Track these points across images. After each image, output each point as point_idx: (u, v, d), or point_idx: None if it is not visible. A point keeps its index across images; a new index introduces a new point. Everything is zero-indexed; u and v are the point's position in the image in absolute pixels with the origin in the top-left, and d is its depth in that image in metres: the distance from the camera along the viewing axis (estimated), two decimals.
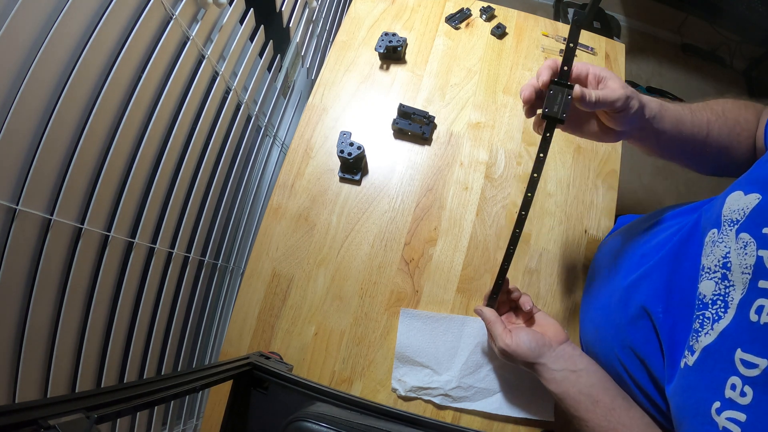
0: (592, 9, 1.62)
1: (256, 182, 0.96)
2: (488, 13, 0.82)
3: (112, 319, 0.58)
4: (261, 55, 0.80)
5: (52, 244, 0.46)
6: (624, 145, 0.74)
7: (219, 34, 0.65)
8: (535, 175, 0.43)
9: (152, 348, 0.67)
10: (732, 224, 0.35)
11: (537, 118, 0.44)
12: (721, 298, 0.34)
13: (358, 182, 0.68)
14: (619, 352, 0.45)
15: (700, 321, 0.35)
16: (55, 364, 0.49)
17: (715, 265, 0.35)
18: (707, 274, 0.36)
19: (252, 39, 0.77)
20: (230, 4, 0.66)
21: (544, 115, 0.40)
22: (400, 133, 0.72)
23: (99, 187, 0.50)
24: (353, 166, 0.67)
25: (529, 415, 0.56)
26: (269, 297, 0.63)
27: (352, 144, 0.64)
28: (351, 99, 0.75)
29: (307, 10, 0.97)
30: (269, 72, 0.88)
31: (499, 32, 0.80)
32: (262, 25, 0.77)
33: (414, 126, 0.70)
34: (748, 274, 0.32)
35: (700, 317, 0.35)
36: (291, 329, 0.62)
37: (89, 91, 0.47)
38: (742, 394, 0.29)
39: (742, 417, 0.29)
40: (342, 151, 0.64)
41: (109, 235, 0.54)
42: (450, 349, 0.59)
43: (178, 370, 0.70)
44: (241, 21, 0.72)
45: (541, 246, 0.66)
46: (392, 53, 0.75)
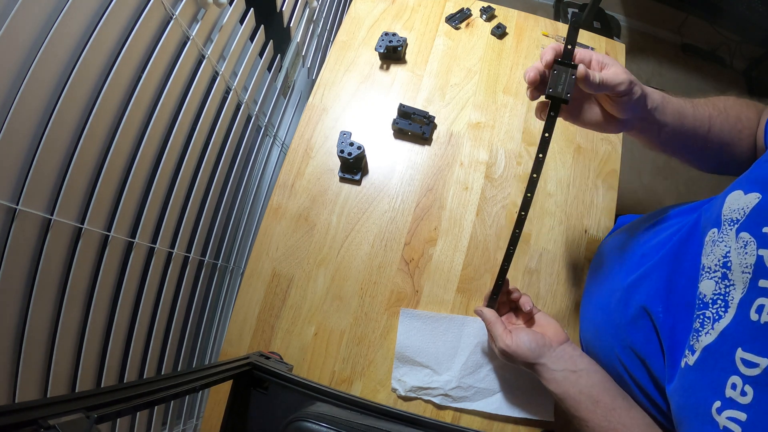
0: (591, 10, 1.62)
1: (256, 182, 0.96)
2: (488, 13, 0.82)
3: (112, 319, 0.58)
4: (261, 55, 0.80)
5: (52, 244, 0.46)
6: (624, 144, 0.74)
7: (219, 34, 0.65)
8: (535, 175, 0.43)
9: (152, 348, 0.66)
10: (732, 223, 0.35)
11: (540, 103, 0.43)
12: (721, 297, 0.34)
13: (358, 182, 0.68)
14: (620, 352, 0.45)
15: (700, 320, 0.35)
16: (55, 364, 0.49)
17: (716, 265, 0.35)
18: (707, 274, 0.36)
19: (252, 39, 0.77)
20: (230, 4, 0.66)
21: (548, 95, 0.39)
22: (400, 133, 0.72)
23: (99, 187, 0.50)
24: (353, 166, 0.67)
25: (529, 415, 0.56)
26: (269, 297, 0.63)
27: (352, 144, 0.64)
28: (351, 99, 0.75)
29: (307, 10, 0.97)
30: (269, 72, 0.88)
31: (500, 32, 0.80)
32: (263, 25, 0.77)
33: (414, 126, 0.70)
34: (749, 273, 0.32)
35: (701, 317, 0.35)
36: (291, 329, 0.62)
37: (89, 91, 0.47)
38: (743, 394, 0.29)
39: (742, 416, 0.29)
40: (342, 151, 0.64)
41: (109, 235, 0.54)
42: (450, 349, 0.59)
43: (178, 370, 0.70)
44: (241, 21, 0.72)
45: (541, 246, 0.66)
46: (392, 53, 0.75)
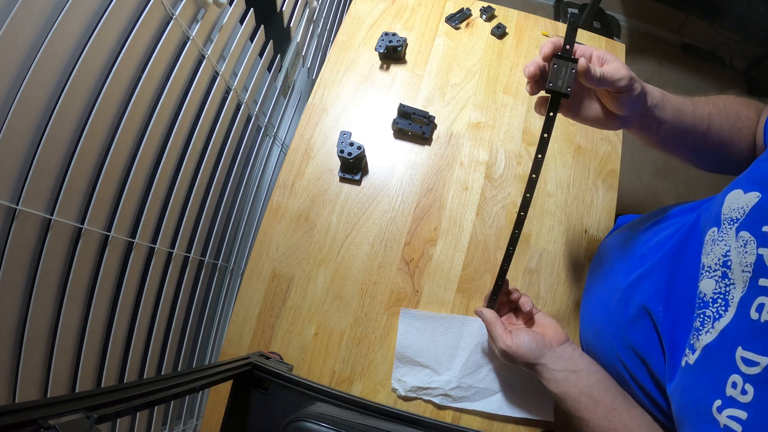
0: (591, 10, 1.62)
1: (256, 182, 0.96)
2: (488, 13, 0.82)
3: (112, 319, 0.58)
4: (261, 55, 0.81)
5: (52, 244, 0.46)
6: (624, 145, 0.74)
7: (219, 34, 0.65)
8: (534, 176, 0.43)
9: (152, 348, 0.66)
10: (732, 222, 0.35)
11: (539, 98, 0.44)
12: (721, 296, 0.34)
13: (358, 182, 0.68)
14: (620, 352, 0.45)
15: (700, 319, 0.35)
16: (55, 364, 0.49)
17: (716, 264, 0.35)
18: (707, 273, 0.36)
19: (252, 39, 0.77)
20: (230, 4, 0.66)
21: (548, 89, 0.39)
22: (400, 133, 0.72)
23: (99, 187, 0.50)
24: (353, 166, 0.67)
25: (529, 415, 0.56)
26: (269, 297, 0.63)
27: (352, 144, 0.64)
28: (351, 99, 0.75)
29: (307, 10, 0.97)
30: (269, 72, 0.88)
31: (499, 32, 0.80)
32: (263, 25, 0.77)
33: (414, 126, 0.70)
34: (749, 272, 0.32)
35: (701, 316, 0.35)
36: (291, 329, 0.62)
37: (89, 91, 0.47)
38: (743, 392, 0.29)
39: (743, 415, 0.29)
40: (342, 151, 0.64)
41: (109, 235, 0.54)
42: (450, 349, 0.59)
43: (178, 370, 0.70)
44: (241, 21, 0.72)
45: (541, 246, 0.66)
46: (392, 53, 0.75)
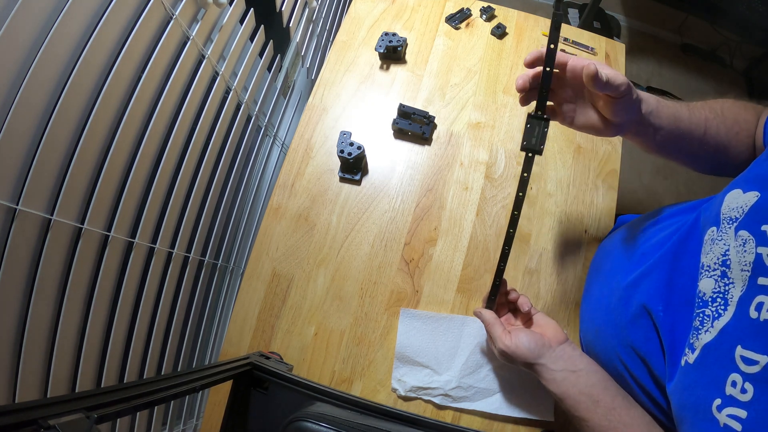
0: (591, 10, 1.63)
1: (256, 182, 0.96)
2: (488, 13, 0.82)
3: (112, 319, 0.58)
4: (261, 55, 0.81)
5: (52, 244, 0.46)
6: (624, 145, 0.74)
7: (219, 34, 0.65)
8: (521, 194, 0.45)
9: (152, 348, 0.66)
10: (731, 222, 0.35)
11: (522, 96, 0.45)
12: (720, 295, 0.34)
13: (358, 182, 0.68)
14: (620, 352, 0.45)
15: (700, 319, 0.35)
16: (55, 364, 0.49)
17: (715, 263, 0.35)
18: (707, 272, 0.36)
19: (252, 39, 0.77)
20: (230, 4, 0.66)
21: (523, 147, 0.43)
22: (400, 133, 0.72)
23: (99, 187, 0.50)
24: (353, 166, 0.67)
25: (529, 415, 0.56)
26: (269, 297, 0.63)
27: (352, 144, 0.64)
28: (351, 99, 0.75)
29: (307, 10, 0.97)
30: (269, 72, 0.88)
31: (500, 32, 0.80)
32: (263, 25, 0.77)
33: (414, 126, 0.70)
34: (748, 271, 0.32)
35: (700, 315, 0.35)
36: (291, 329, 0.62)
37: (89, 91, 0.47)
38: (743, 391, 0.29)
39: (743, 414, 0.29)
40: (342, 151, 0.64)
41: (109, 235, 0.54)
42: (450, 349, 0.59)
43: (178, 370, 0.70)
44: (241, 21, 0.72)
45: (541, 246, 0.66)
46: (392, 53, 0.75)
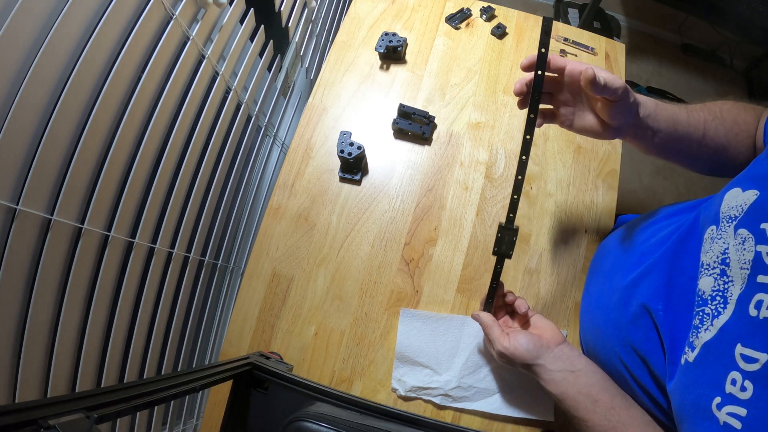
0: (591, 10, 1.63)
1: (256, 182, 0.96)
2: (488, 13, 0.82)
3: (112, 319, 0.58)
4: (261, 55, 0.81)
5: (52, 244, 0.46)
6: (624, 145, 0.74)
7: (219, 34, 0.65)
8: (516, 196, 0.47)
9: (152, 348, 0.66)
10: (730, 220, 0.35)
11: (520, 100, 0.47)
12: (720, 293, 0.34)
13: (358, 182, 0.68)
14: (620, 351, 0.45)
15: (699, 317, 0.35)
16: (55, 364, 0.49)
17: (714, 262, 0.35)
18: (706, 271, 0.36)
19: (252, 39, 0.77)
20: (230, 4, 0.66)
21: (494, 252, 0.49)
22: (400, 133, 0.72)
23: (99, 186, 0.50)
24: (353, 166, 0.67)
25: (529, 415, 0.56)
26: (269, 297, 0.63)
27: (352, 144, 0.64)
28: (351, 99, 0.75)
29: (306, 10, 0.97)
30: (269, 72, 0.88)
31: (500, 32, 0.80)
32: (263, 25, 0.77)
33: (414, 126, 0.70)
34: (747, 269, 0.32)
35: (700, 313, 0.35)
36: (291, 329, 0.62)
37: (89, 91, 0.47)
38: (743, 389, 0.29)
39: (742, 412, 0.29)
40: (342, 151, 0.64)
41: (109, 235, 0.54)
42: (450, 349, 0.59)
43: (178, 370, 0.70)
44: (242, 21, 0.72)
45: (541, 246, 0.66)
46: (392, 53, 0.75)
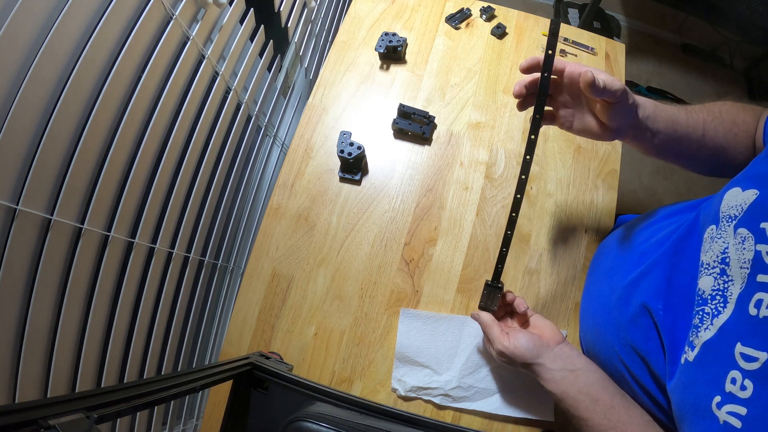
0: (591, 10, 1.63)
1: (256, 182, 0.96)
2: (488, 13, 0.82)
3: (112, 319, 0.58)
4: (261, 55, 0.81)
5: (52, 244, 0.46)
6: (624, 145, 0.74)
7: (219, 34, 0.65)
8: (519, 196, 0.47)
9: (152, 348, 0.66)
10: (730, 220, 0.35)
11: (519, 102, 0.48)
12: (720, 293, 0.34)
13: (358, 182, 0.68)
14: (620, 351, 0.45)
15: (699, 316, 0.35)
16: (55, 364, 0.49)
17: (714, 261, 0.35)
18: (706, 270, 0.36)
19: (252, 39, 0.77)
20: (230, 4, 0.66)
21: (480, 307, 0.53)
22: (400, 133, 0.72)
23: (99, 187, 0.50)
24: (353, 166, 0.67)
25: (529, 415, 0.56)
26: (269, 297, 0.63)
27: (352, 144, 0.64)
28: (351, 99, 0.75)
29: (306, 10, 0.97)
30: (269, 72, 0.88)
31: (499, 32, 0.80)
32: (263, 25, 0.77)
33: (414, 126, 0.70)
34: (747, 268, 0.32)
35: (700, 313, 0.35)
36: (291, 329, 0.62)
37: (89, 91, 0.47)
38: (743, 388, 0.29)
39: (742, 410, 0.29)
40: (342, 151, 0.64)
41: (109, 235, 0.54)
42: (450, 349, 0.59)
43: (178, 370, 0.70)
44: (241, 21, 0.72)
45: (541, 246, 0.66)
46: (392, 53, 0.75)
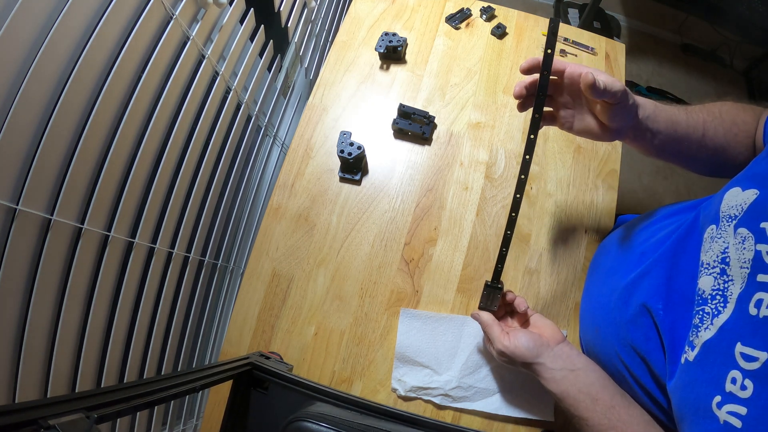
0: (591, 10, 1.63)
1: (256, 182, 0.96)
2: (488, 13, 0.82)
3: (112, 319, 0.58)
4: (261, 55, 0.81)
5: (52, 244, 0.46)
6: (624, 145, 0.74)
7: (219, 34, 0.65)
8: (519, 195, 0.47)
9: (152, 348, 0.66)
10: (730, 219, 0.35)
11: (519, 103, 0.48)
12: (720, 292, 0.34)
13: (358, 182, 0.68)
14: (620, 351, 0.45)
15: (699, 316, 0.35)
16: (55, 364, 0.49)
17: (714, 261, 0.35)
18: (706, 270, 0.36)
19: (252, 39, 0.77)
20: (230, 4, 0.66)
21: (480, 308, 0.53)
22: (400, 133, 0.72)
23: (99, 186, 0.50)
24: (353, 166, 0.67)
25: (529, 415, 0.56)
26: (269, 297, 0.63)
27: (352, 144, 0.64)
28: (351, 99, 0.75)
29: (306, 10, 0.97)
30: (269, 72, 0.88)
31: (500, 32, 0.80)
32: (263, 25, 0.77)
33: (414, 126, 0.70)
34: (747, 268, 0.32)
35: (700, 312, 0.35)
36: (291, 329, 0.62)
37: (89, 91, 0.47)
38: (743, 388, 0.29)
39: (742, 410, 0.29)
40: (342, 151, 0.64)
41: (109, 235, 0.54)
42: (450, 349, 0.59)
43: (178, 370, 0.70)
44: (242, 21, 0.72)
45: (541, 246, 0.66)
46: (392, 53, 0.75)
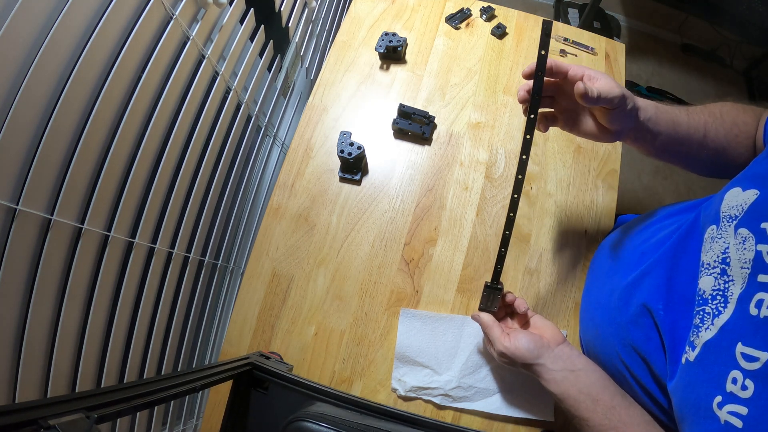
0: (591, 10, 1.62)
1: (256, 182, 0.96)
2: (488, 13, 0.82)
3: (112, 319, 0.58)
4: (261, 55, 0.81)
5: (52, 244, 0.46)
6: (624, 144, 0.74)
7: (219, 34, 0.65)
8: (516, 196, 0.48)
9: (152, 348, 0.66)
10: (731, 220, 0.35)
11: (524, 106, 0.47)
12: (720, 293, 0.34)
13: (358, 182, 0.68)
14: (621, 351, 0.45)
15: (700, 316, 0.35)
16: (55, 364, 0.49)
17: (715, 261, 0.35)
18: (707, 270, 0.36)
19: (252, 39, 0.77)
20: (230, 4, 0.66)
21: (480, 309, 0.53)
22: (400, 133, 0.72)
23: (99, 186, 0.50)
24: (353, 166, 0.67)
25: (529, 415, 0.56)
26: (269, 297, 0.63)
27: (352, 144, 0.64)
28: (351, 99, 0.75)
29: (306, 10, 0.97)
30: (269, 72, 0.88)
31: (500, 32, 0.80)
32: (263, 25, 0.77)
33: (414, 126, 0.70)
34: (747, 268, 0.32)
35: (701, 313, 0.35)
36: (291, 329, 0.62)
37: (89, 91, 0.47)
38: (743, 388, 0.29)
39: (743, 410, 0.29)
40: (342, 151, 0.64)
41: (109, 235, 0.54)
42: (450, 349, 0.59)
43: (178, 370, 0.70)
44: (242, 21, 0.72)
45: (541, 246, 0.66)
46: (392, 53, 0.75)
